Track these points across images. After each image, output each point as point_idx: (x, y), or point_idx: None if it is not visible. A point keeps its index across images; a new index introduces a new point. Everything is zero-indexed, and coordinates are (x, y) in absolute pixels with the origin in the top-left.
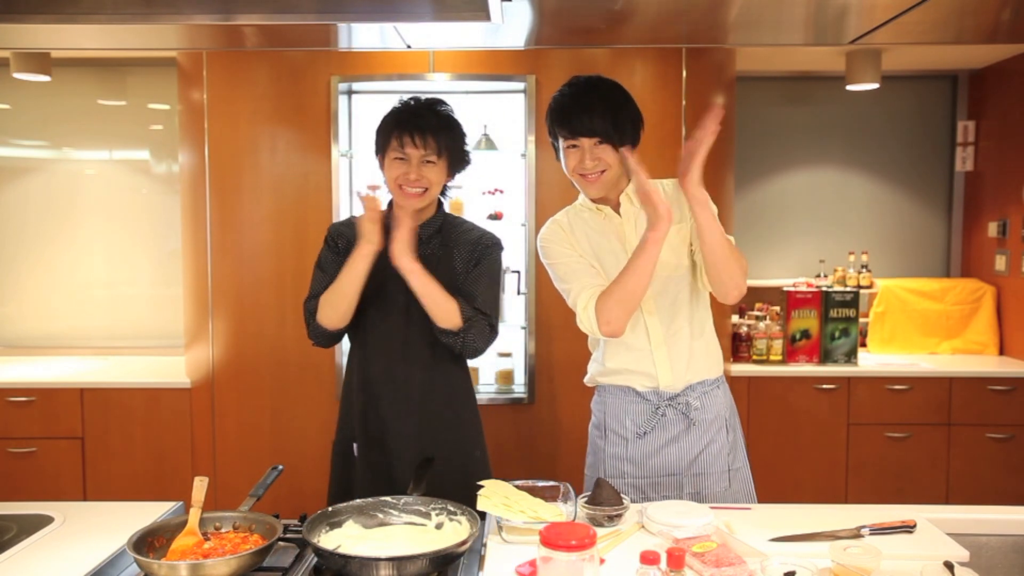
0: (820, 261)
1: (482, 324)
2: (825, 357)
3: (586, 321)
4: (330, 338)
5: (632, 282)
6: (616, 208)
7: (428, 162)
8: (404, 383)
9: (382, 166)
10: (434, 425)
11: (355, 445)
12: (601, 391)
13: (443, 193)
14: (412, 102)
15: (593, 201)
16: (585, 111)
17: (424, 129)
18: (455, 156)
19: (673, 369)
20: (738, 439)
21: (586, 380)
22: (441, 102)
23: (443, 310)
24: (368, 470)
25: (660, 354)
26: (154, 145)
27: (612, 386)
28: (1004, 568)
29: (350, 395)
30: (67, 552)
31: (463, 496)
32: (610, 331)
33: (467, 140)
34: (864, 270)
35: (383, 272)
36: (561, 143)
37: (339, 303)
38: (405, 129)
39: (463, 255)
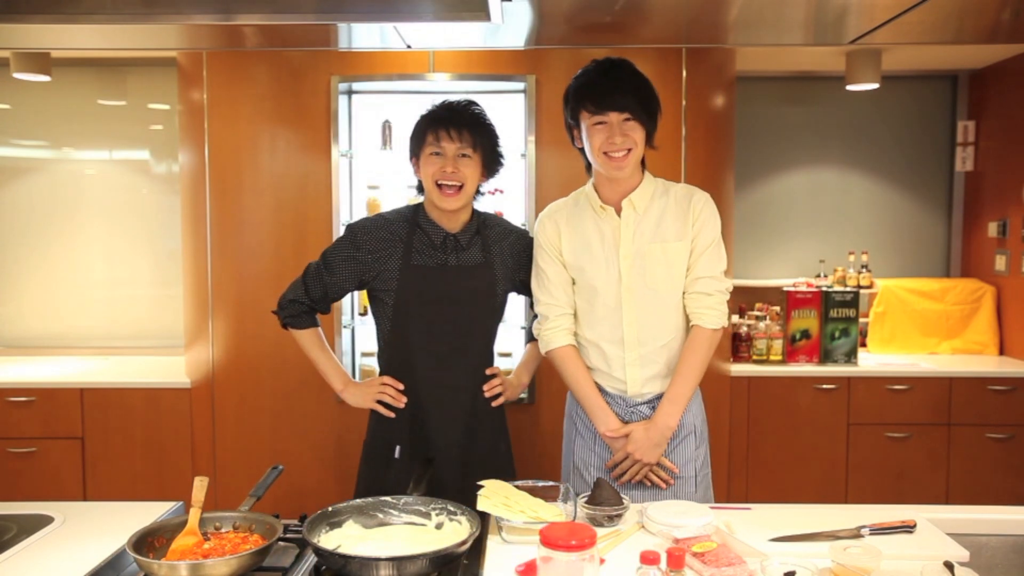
0: (820, 261)
1: None
2: (825, 357)
3: (539, 334)
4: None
5: (570, 383)
6: (618, 211)
7: (463, 156)
8: (453, 390)
9: (418, 170)
10: (475, 427)
11: (398, 448)
12: None
13: (477, 195)
14: (446, 102)
15: (601, 198)
16: (615, 85)
17: (459, 124)
18: (489, 154)
19: (643, 377)
20: (707, 450)
21: None
22: (474, 103)
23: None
24: (408, 473)
25: (632, 361)
26: (154, 145)
27: None
28: (1004, 568)
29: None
30: (67, 552)
31: None
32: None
33: (500, 142)
34: (864, 270)
35: (433, 288)
36: (585, 123)
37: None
38: (440, 124)
39: (506, 259)
